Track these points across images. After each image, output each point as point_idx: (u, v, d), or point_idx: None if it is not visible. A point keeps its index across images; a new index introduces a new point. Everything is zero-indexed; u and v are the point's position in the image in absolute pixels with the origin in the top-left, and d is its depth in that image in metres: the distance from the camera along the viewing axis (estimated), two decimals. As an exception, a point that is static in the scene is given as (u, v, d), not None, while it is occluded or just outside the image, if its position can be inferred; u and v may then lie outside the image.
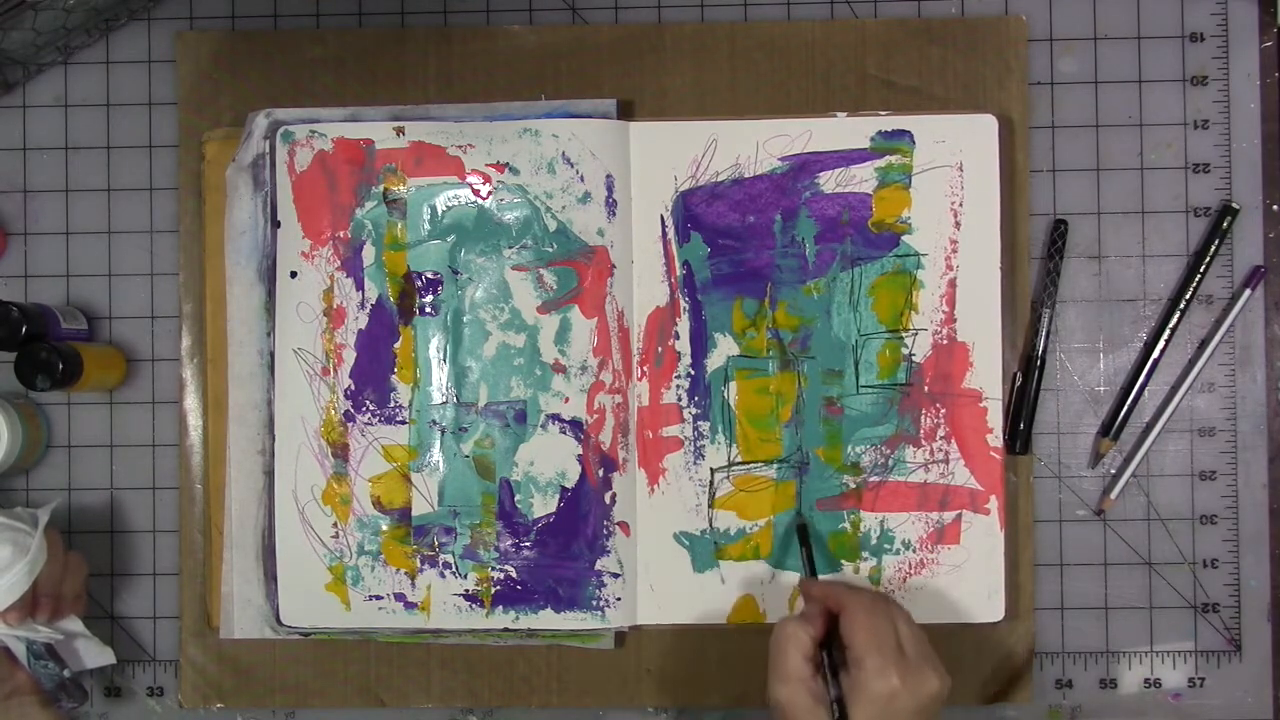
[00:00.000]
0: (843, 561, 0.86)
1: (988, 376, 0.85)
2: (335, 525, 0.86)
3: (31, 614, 0.80)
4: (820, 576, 0.84)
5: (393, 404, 0.86)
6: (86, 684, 0.86)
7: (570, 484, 0.85)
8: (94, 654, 0.84)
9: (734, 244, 0.86)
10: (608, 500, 0.85)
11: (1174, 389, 0.87)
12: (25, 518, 0.80)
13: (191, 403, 0.88)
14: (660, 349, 0.86)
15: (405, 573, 0.86)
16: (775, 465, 0.86)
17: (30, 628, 0.80)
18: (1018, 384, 0.86)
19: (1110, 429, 0.87)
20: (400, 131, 0.86)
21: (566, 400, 0.85)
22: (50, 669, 0.82)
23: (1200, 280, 0.86)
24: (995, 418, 0.85)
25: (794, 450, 0.86)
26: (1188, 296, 0.86)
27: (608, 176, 0.85)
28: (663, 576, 0.86)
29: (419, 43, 0.88)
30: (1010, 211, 0.86)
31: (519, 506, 0.85)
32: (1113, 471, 0.87)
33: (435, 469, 0.86)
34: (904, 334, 0.86)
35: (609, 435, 0.85)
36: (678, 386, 0.86)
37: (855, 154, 0.86)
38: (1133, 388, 0.87)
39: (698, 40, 0.87)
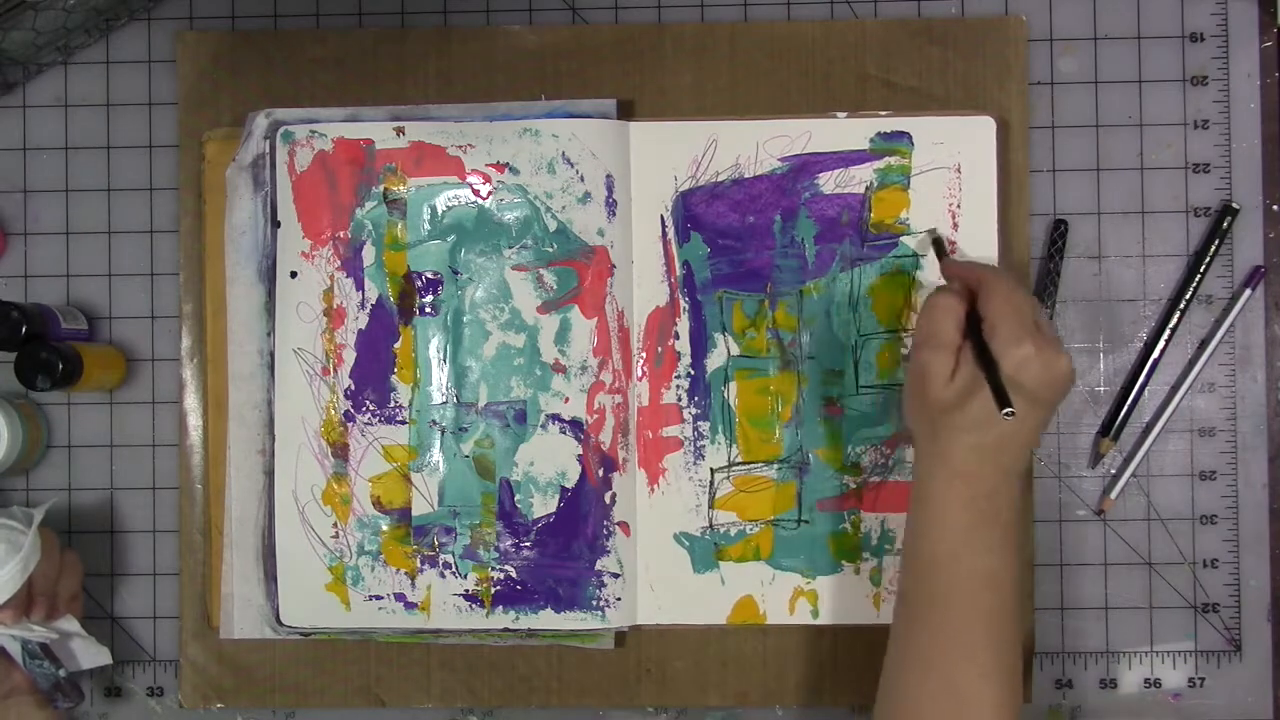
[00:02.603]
0: (843, 562, 0.86)
1: (988, 376, 0.85)
2: (335, 525, 0.86)
3: (27, 613, 0.80)
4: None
5: (393, 404, 0.86)
6: (84, 684, 0.86)
7: (570, 484, 0.85)
8: (90, 654, 0.84)
9: (734, 244, 0.86)
10: (608, 500, 0.85)
11: (1174, 389, 0.87)
12: (20, 516, 0.80)
13: (191, 403, 0.88)
14: (660, 349, 0.86)
15: (405, 573, 0.86)
16: (775, 465, 0.86)
17: (25, 627, 0.80)
18: (1018, 384, 0.86)
19: (1110, 429, 0.87)
20: (400, 131, 0.86)
21: (566, 400, 0.85)
22: (46, 669, 0.82)
23: (1200, 280, 0.86)
24: (995, 418, 0.85)
25: (794, 450, 0.86)
26: (1188, 296, 0.86)
27: (608, 176, 0.85)
28: (663, 576, 0.86)
29: (419, 43, 0.88)
30: (1010, 212, 0.86)
31: (519, 506, 0.85)
32: (1113, 471, 0.87)
33: (435, 469, 0.86)
34: (903, 334, 0.86)
35: (609, 435, 0.85)
36: (678, 386, 0.86)
37: (854, 155, 0.86)
38: (1133, 388, 0.87)
39: (698, 40, 0.87)
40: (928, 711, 0.73)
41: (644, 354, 0.86)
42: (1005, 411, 0.70)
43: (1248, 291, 0.86)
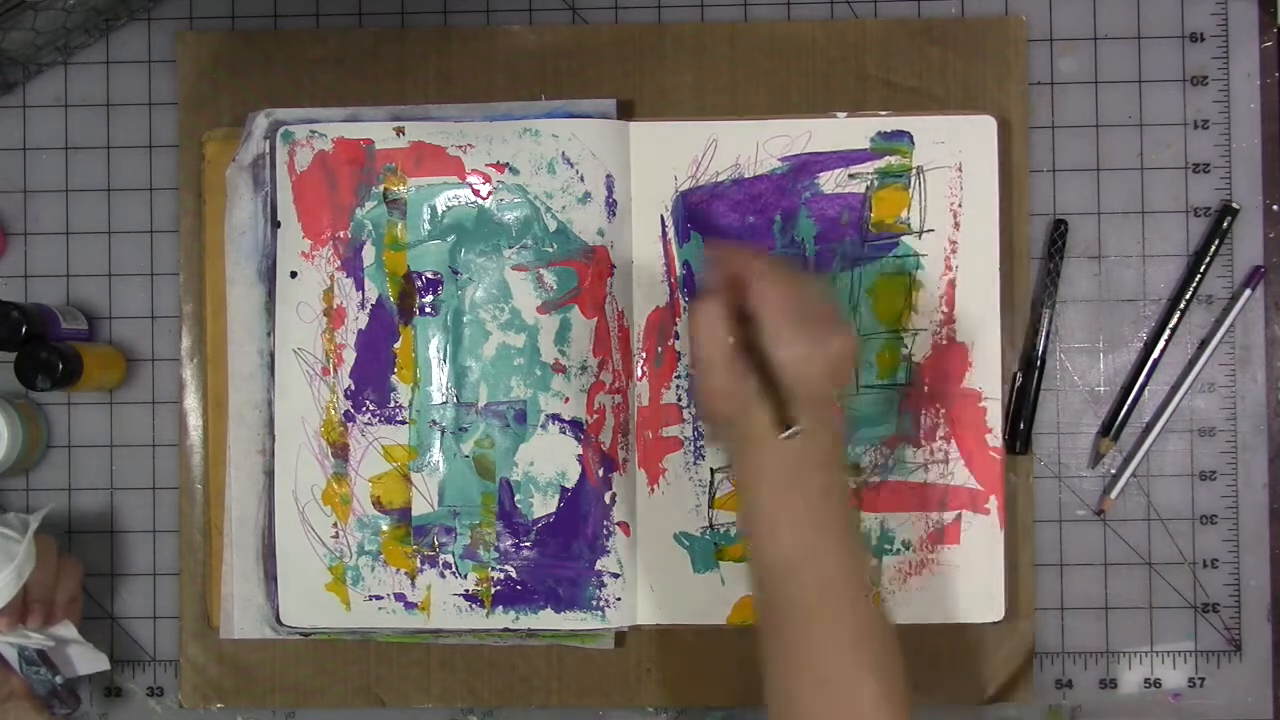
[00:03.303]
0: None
1: (987, 376, 0.85)
2: (335, 525, 0.86)
3: (23, 620, 0.80)
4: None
5: (393, 404, 0.86)
6: (81, 690, 0.86)
7: (570, 484, 0.85)
8: (87, 660, 0.84)
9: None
10: (608, 500, 0.85)
11: (1174, 389, 0.87)
12: (15, 523, 0.79)
13: (191, 403, 0.88)
14: (660, 349, 0.86)
15: (405, 573, 0.86)
16: (775, 465, 0.86)
17: (22, 634, 0.80)
18: (1018, 384, 0.86)
19: (1110, 429, 0.87)
20: (400, 131, 0.86)
21: (566, 400, 0.85)
22: (43, 675, 0.81)
23: (1200, 280, 0.86)
24: (995, 418, 0.85)
25: (794, 450, 0.86)
26: (1188, 296, 0.86)
27: (608, 176, 0.85)
28: (663, 577, 0.86)
29: (419, 43, 0.88)
30: (1010, 211, 0.86)
31: (519, 506, 0.85)
32: (1113, 471, 0.87)
33: (435, 469, 0.86)
34: (903, 334, 0.86)
35: (609, 435, 0.85)
36: (678, 386, 0.86)
37: (855, 154, 0.86)
38: (1133, 388, 0.87)
39: (698, 40, 0.87)
40: (811, 709, 0.70)
41: (644, 354, 0.86)
42: (785, 434, 0.68)
43: (1248, 291, 0.86)
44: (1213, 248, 0.86)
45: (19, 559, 0.78)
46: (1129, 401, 0.86)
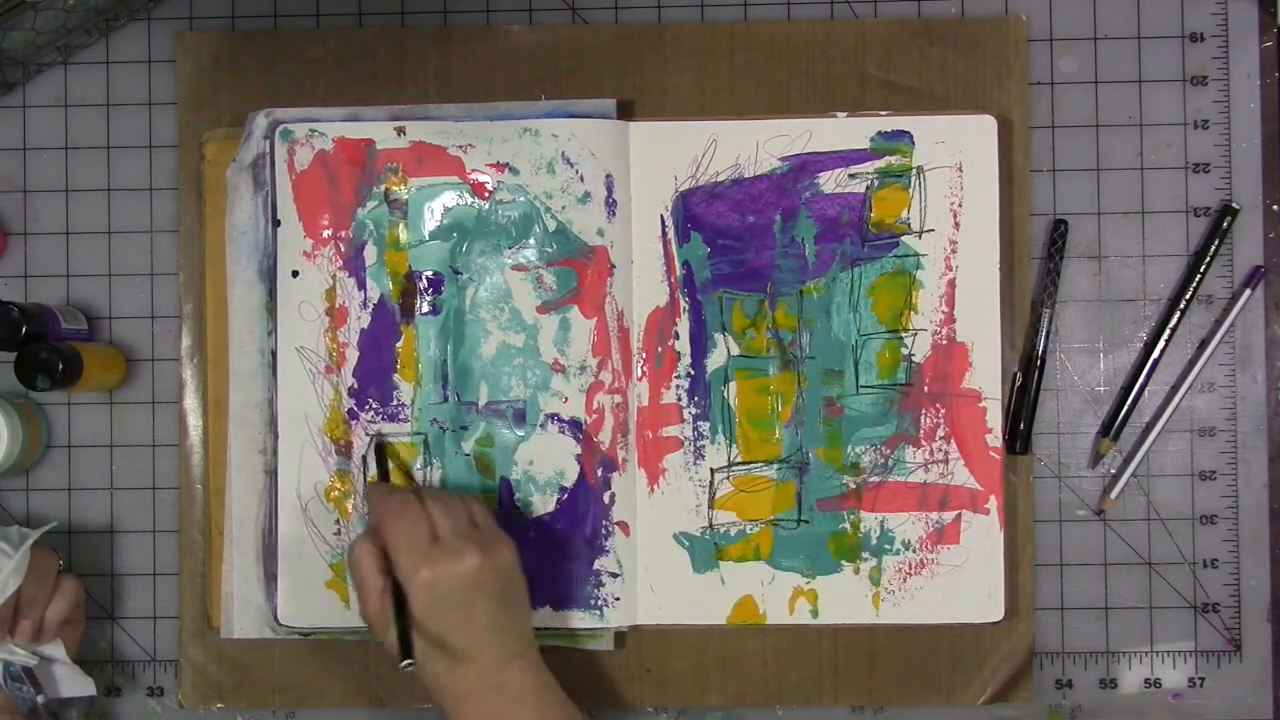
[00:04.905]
0: (843, 562, 0.86)
1: (987, 376, 0.85)
2: (338, 522, 0.86)
3: (11, 634, 0.79)
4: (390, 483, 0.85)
5: (395, 402, 0.86)
6: (67, 713, 0.85)
7: (569, 483, 0.85)
8: (73, 683, 0.83)
9: (734, 244, 0.86)
10: (607, 500, 0.85)
11: (1174, 389, 0.87)
12: (14, 537, 0.79)
13: (191, 403, 0.88)
14: (660, 349, 0.86)
15: (405, 572, 0.86)
16: (775, 465, 0.86)
17: (7, 649, 0.79)
18: (1018, 384, 0.86)
19: (1110, 429, 0.87)
20: (401, 131, 0.86)
21: (566, 400, 0.85)
22: (25, 693, 0.80)
23: (1200, 280, 0.86)
24: (995, 418, 0.85)
25: (794, 450, 0.86)
26: (1188, 296, 0.86)
27: (607, 176, 0.85)
28: (662, 576, 0.86)
29: (419, 43, 0.88)
30: (1010, 211, 0.86)
31: (518, 505, 0.85)
32: (1113, 471, 0.87)
33: (437, 467, 0.86)
34: (904, 334, 0.86)
35: (608, 435, 0.85)
36: (677, 386, 0.86)
37: (855, 154, 0.86)
38: (1133, 388, 0.87)
39: (698, 40, 0.87)
40: None
41: (644, 354, 0.86)
42: (403, 665, 0.73)
43: (1248, 291, 0.86)
44: (1213, 248, 0.86)
45: (6, 572, 0.77)
46: (1129, 401, 0.86)
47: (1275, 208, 0.87)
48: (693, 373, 0.86)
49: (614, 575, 0.85)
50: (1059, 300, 0.87)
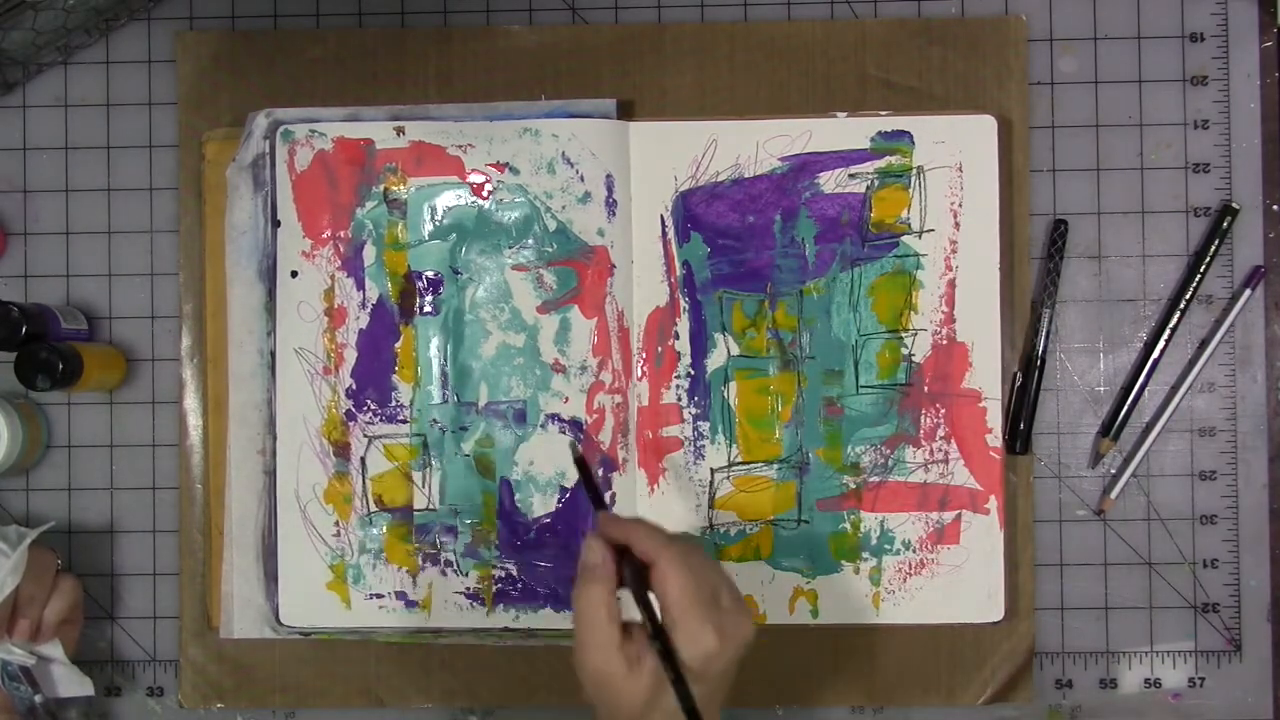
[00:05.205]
0: (843, 562, 0.86)
1: (987, 376, 0.85)
2: (337, 524, 0.86)
3: (9, 633, 0.79)
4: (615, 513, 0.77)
5: (394, 403, 0.86)
6: (66, 713, 0.85)
7: (570, 483, 0.85)
8: (71, 683, 0.83)
9: (734, 244, 0.86)
10: (607, 500, 0.85)
11: (1174, 389, 0.87)
12: (12, 537, 0.79)
13: (191, 403, 0.88)
14: (660, 349, 0.86)
15: (407, 571, 0.86)
16: (775, 465, 0.86)
17: (5, 649, 0.79)
18: (1018, 384, 0.86)
19: (1110, 429, 0.87)
20: (400, 131, 0.86)
21: (566, 400, 0.85)
22: (23, 692, 0.81)
23: (1200, 280, 0.86)
24: (995, 418, 0.85)
25: (794, 450, 0.86)
26: (1188, 296, 0.86)
27: (607, 176, 0.85)
28: (663, 576, 0.86)
29: (419, 43, 0.88)
30: (1010, 211, 0.86)
31: (519, 506, 0.85)
32: (1113, 471, 0.87)
33: (436, 468, 0.86)
34: (904, 334, 0.86)
35: (609, 435, 0.85)
36: (677, 386, 0.86)
37: (855, 154, 0.86)
38: (1133, 388, 0.87)
39: (698, 40, 0.87)
40: None
41: (644, 354, 0.86)
42: None
43: (1248, 291, 0.86)
44: (1213, 248, 0.86)
45: (4, 571, 0.77)
46: (1129, 401, 0.86)
47: (1275, 208, 0.87)
48: (693, 373, 0.86)
49: (614, 575, 0.85)
50: (1059, 300, 0.87)
